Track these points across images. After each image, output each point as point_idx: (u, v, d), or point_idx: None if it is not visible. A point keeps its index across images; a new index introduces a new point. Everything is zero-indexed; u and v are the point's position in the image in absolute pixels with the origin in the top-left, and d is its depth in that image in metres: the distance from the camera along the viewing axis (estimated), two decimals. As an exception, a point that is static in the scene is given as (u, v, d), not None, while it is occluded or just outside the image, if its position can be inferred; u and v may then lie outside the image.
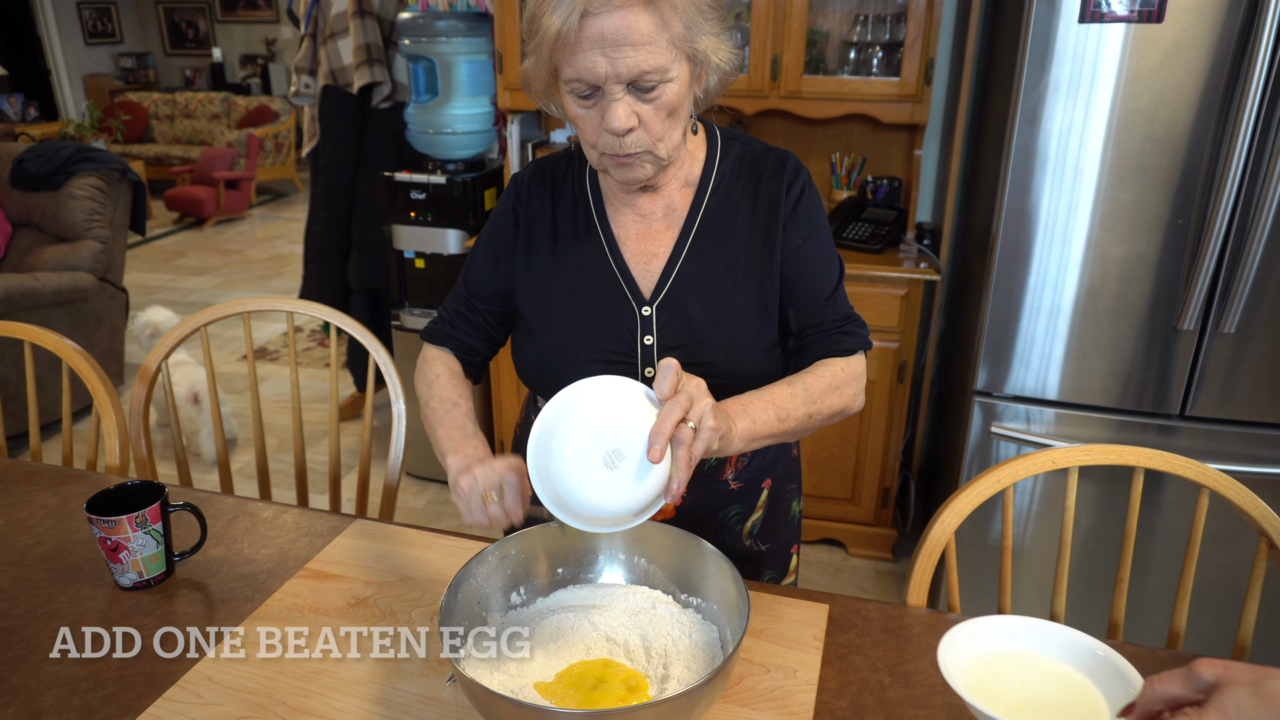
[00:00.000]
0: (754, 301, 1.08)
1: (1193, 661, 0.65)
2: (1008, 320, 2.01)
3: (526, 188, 1.15)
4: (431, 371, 1.16)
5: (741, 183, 1.11)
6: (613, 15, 0.89)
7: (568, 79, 0.94)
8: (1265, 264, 1.78)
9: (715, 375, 1.06)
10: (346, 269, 3.18)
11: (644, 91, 0.94)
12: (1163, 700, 0.64)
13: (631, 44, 0.90)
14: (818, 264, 1.10)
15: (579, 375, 1.08)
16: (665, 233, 1.10)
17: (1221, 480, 1.14)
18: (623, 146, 0.97)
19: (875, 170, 2.72)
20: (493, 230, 1.17)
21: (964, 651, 0.78)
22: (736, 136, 1.14)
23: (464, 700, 0.92)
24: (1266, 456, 1.93)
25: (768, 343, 1.10)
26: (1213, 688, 0.62)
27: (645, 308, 1.09)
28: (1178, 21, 1.69)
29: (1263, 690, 0.60)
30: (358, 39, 2.89)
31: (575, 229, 1.12)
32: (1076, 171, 1.85)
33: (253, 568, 1.17)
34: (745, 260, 1.09)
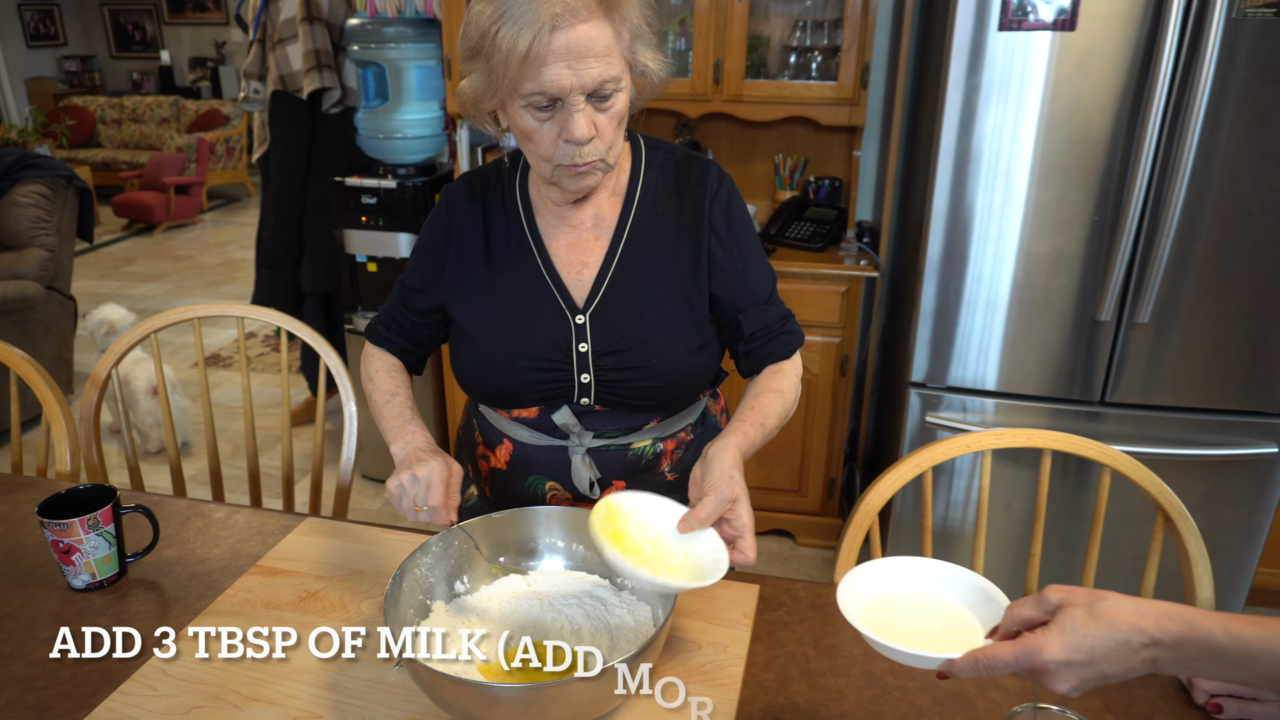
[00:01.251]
0: (683, 307, 1.14)
1: (1045, 588, 0.73)
2: (942, 314, 2.09)
3: (457, 201, 1.19)
4: (371, 367, 1.24)
5: (666, 191, 1.15)
6: (577, 29, 0.93)
7: (528, 93, 0.96)
8: (1175, 258, 1.89)
9: (647, 378, 1.12)
10: (299, 274, 3.19)
11: (601, 101, 0.98)
12: (1019, 622, 0.73)
13: (594, 55, 0.95)
14: (755, 269, 1.16)
15: (517, 382, 1.14)
16: (595, 242, 1.15)
17: (1121, 459, 1.22)
18: (581, 155, 1.01)
19: (817, 171, 2.81)
20: (426, 241, 1.21)
21: (861, 593, 0.85)
22: (660, 145, 1.19)
23: (411, 684, 0.97)
24: (1182, 439, 2.04)
25: (696, 345, 1.15)
26: (1057, 609, 0.70)
27: (579, 316, 1.13)
28: (1089, 30, 1.79)
29: (1095, 610, 0.68)
30: (307, 45, 2.90)
31: (507, 241, 1.16)
32: (1006, 172, 1.95)
33: (205, 566, 1.20)
34: (673, 267, 1.14)
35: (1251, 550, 2.14)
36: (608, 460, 1.19)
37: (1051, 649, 0.67)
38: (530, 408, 1.18)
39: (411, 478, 1.00)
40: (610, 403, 1.15)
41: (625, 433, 1.18)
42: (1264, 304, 1.93)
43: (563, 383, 1.14)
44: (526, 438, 1.21)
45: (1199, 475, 2.06)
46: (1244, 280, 1.92)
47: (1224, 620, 0.67)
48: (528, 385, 1.14)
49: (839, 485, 2.70)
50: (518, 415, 1.20)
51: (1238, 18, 1.73)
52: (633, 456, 1.19)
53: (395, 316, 1.25)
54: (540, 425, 1.19)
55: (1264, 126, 1.80)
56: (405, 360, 1.27)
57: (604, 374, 1.13)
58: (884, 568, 0.88)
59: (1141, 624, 0.67)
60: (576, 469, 1.19)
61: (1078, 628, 0.67)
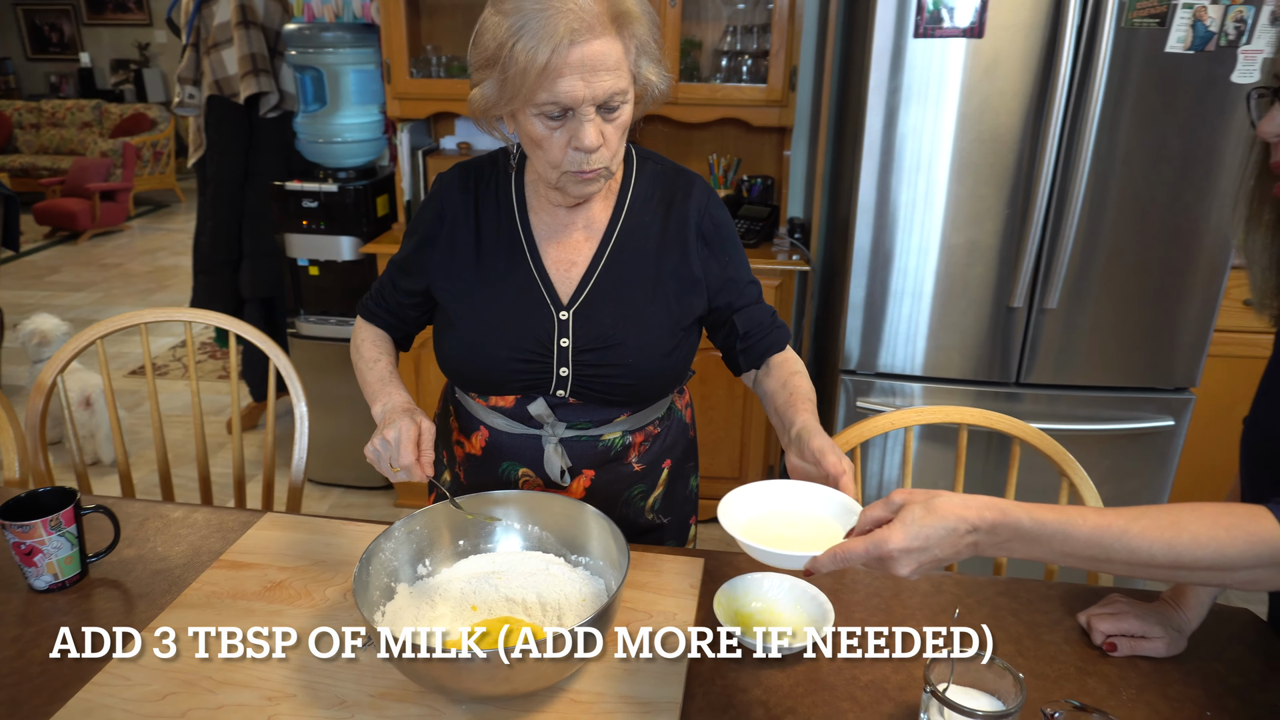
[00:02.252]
0: (663, 310, 1.21)
1: (891, 492, 0.85)
2: (870, 304, 2.21)
3: (450, 190, 1.24)
4: (358, 338, 1.33)
5: (655, 201, 1.23)
6: (592, 43, 0.99)
7: (541, 103, 1.02)
8: (1079, 247, 2.04)
9: (624, 375, 1.20)
10: (238, 279, 3.18)
11: (609, 111, 1.05)
12: (870, 521, 0.84)
13: (606, 69, 1.01)
14: (746, 273, 1.26)
15: (498, 371, 1.20)
16: (585, 243, 1.22)
17: (1029, 431, 1.34)
18: (589, 163, 1.07)
19: (749, 170, 2.91)
20: (418, 227, 1.26)
21: (741, 512, 0.95)
22: (650, 156, 1.26)
23: (377, 661, 1.02)
24: (1090, 415, 2.19)
25: (671, 346, 1.23)
26: (900, 507, 0.82)
27: (563, 312, 1.20)
28: (996, 38, 1.92)
29: (930, 505, 0.80)
30: (242, 49, 2.90)
31: (498, 234, 1.22)
32: (926, 169, 2.07)
33: (167, 564, 1.24)
34: (656, 272, 1.21)
35: (1157, 517, 2.31)
36: (579, 450, 1.26)
37: (895, 540, 0.79)
38: (508, 396, 1.24)
39: (383, 441, 1.07)
40: (585, 396, 1.22)
41: (597, 425, 1.25)
42: (1159, 289, 2.09)
43: (542, 374, 1.20)
44: (502, 425, 1.27)
45: (1106, 449, 2.22)
46: (1141, 267, 2.08)
47: (1030, 509, 0.80)
48: (508, 374, 1.20)
49: (777, 471, 2.81)
50: (495, 404, 1.26)
51: (1126, 27, 1.88)
52: (603, 447, 1.26)
53: (385, 295, 1.31)
54: (516, 414, 1.25)
55: (1153, 125, 1.96)
56: (393, 336, 1.33)
57: (582, 369, 1.20)
58: (761, 490, 0.98)
59: (966, 514, 0.79)
60: (549, 457, 1.25)
61: (917, 520, 0.79)
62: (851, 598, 1.16)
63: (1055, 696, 0.99)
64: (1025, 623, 1.12)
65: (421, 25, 2.80)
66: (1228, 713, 0.97)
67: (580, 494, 1.27)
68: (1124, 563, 0.80)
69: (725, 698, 0.99)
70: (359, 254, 2.78)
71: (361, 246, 2.76)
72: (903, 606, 1.15)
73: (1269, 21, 1.89)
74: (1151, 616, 1.06)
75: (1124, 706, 0.98)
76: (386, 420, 1.11)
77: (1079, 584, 1.21)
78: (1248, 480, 1.02)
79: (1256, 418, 1.03)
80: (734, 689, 1.00)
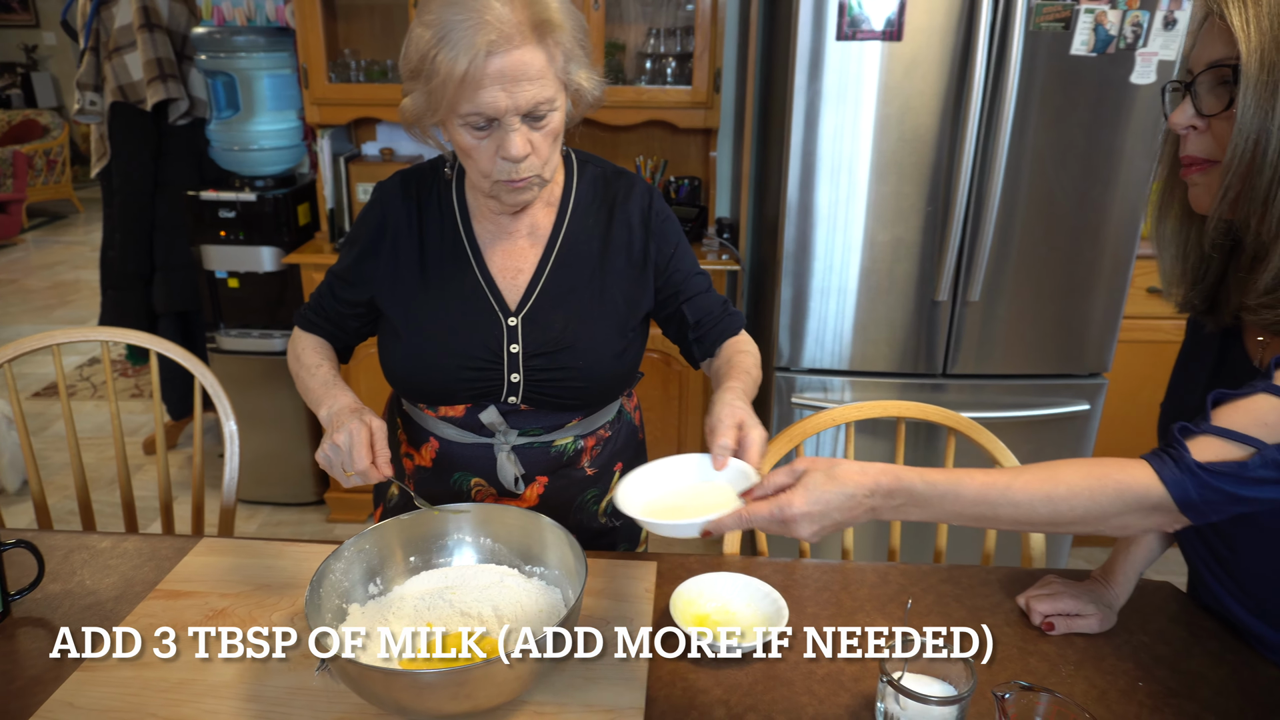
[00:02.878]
0: (611, 312, 1.21)
1: (795, 459, 0.89)
2: (799, 302, 2.26)
3: (392, 199, 1.22)
4: (297, 346, 1.28)
5: (597, 204, 1.23)
6: (512, 54, 0.99)
7: (465, 113, 1.02)
8: (997, 242, 2.13)
9: (575, 378, 1.20)
10: (151, 293, 3.04)
11: (536, 120, 1.04)
12: (774, 488, 0.89)
13: (529, 79, 1.00)
14: (693, 264, 1.27)
15: (448, 380, 1.19)
16: (530, 249, 1.21)
17: (963, 422, 1.39)
18: (518, 172, 1.06)
19: (676, 171, 2.94)
20: (357, 236, 1.24)
21: (639, 494, 0.99)
22: (589, 159, 1.26)
23: (333, 686, 1.00)
24: (1011, 403, 2.29)
25: (620, 348, 1.23)
26: (803, 474, 0.87)
27: (511, 319, 1.19)
28: (914, 40, 1.98)
29: (831, 472, 0.86)
30: (147, 54, 2.78)
31: (442, 242, 1.21)
32: (847, 169, 2.12)
33: (98, 597, 1.18)
34: (602, 275, 1.21)
35: (1075, 497, 2.42)
36: (531, 457, 1.25)
37: (798, 503, 0.84)
38: (458, 406, 1.23)
39: (334, 446, 1.05)
40: (536, 402, 1.21)
41: (548, 430, 1.25)
42: (1071, 280, 2.20)
43: (492, 382, 1.19)
44: (453, 435, 1.25)
45: (1027, 434, 2.31)
46: (1054, 259, 2.17)
47: (923, 473, 0.86)
48: (458, 383, 1.19)
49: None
50: (445, 414, 1.25)
51: (1034, 30, 1.97)
52: (555, 453, 1.26)
53: (324, 305, 1.28)
54: (467, 423, 1.24)
55: (1061, 124, 2.05)
56: (334, 345, 1.30)
57: (533, 374, 1.19)
58: (657, 469, 1.03)
59: (863, 480, 0.85)
60: (502, 466, 1.24)
61: (818, 485, 0.85)
62: (802, 592, 1.19)
63: (1000, 677, 1.03)
64: (968, 607, 1.16)
65: (338, 29, 2.74)
66: (1157, 680, 1.03)
67: (534, 501, 1.27)
68: (1010, 519, 0.86)
69: (687, 699, 1.00)
70: (281, 265, 2.69)
71: (284, 257, 2.67)
72: (851, 598, 1.18)
73: (1163, 26, 2.00)
74: (1084, 595, 1.12)
75: (1064, 682, 1.02)
76: (335, 423, 1.08)
77: (1016, 568, 1.26)
78: None
79: (1170, 401, 1.10)
80: (695, 690, 1.01)
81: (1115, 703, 0.99)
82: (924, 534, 2.39)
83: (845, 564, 1.26)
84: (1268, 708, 0.99)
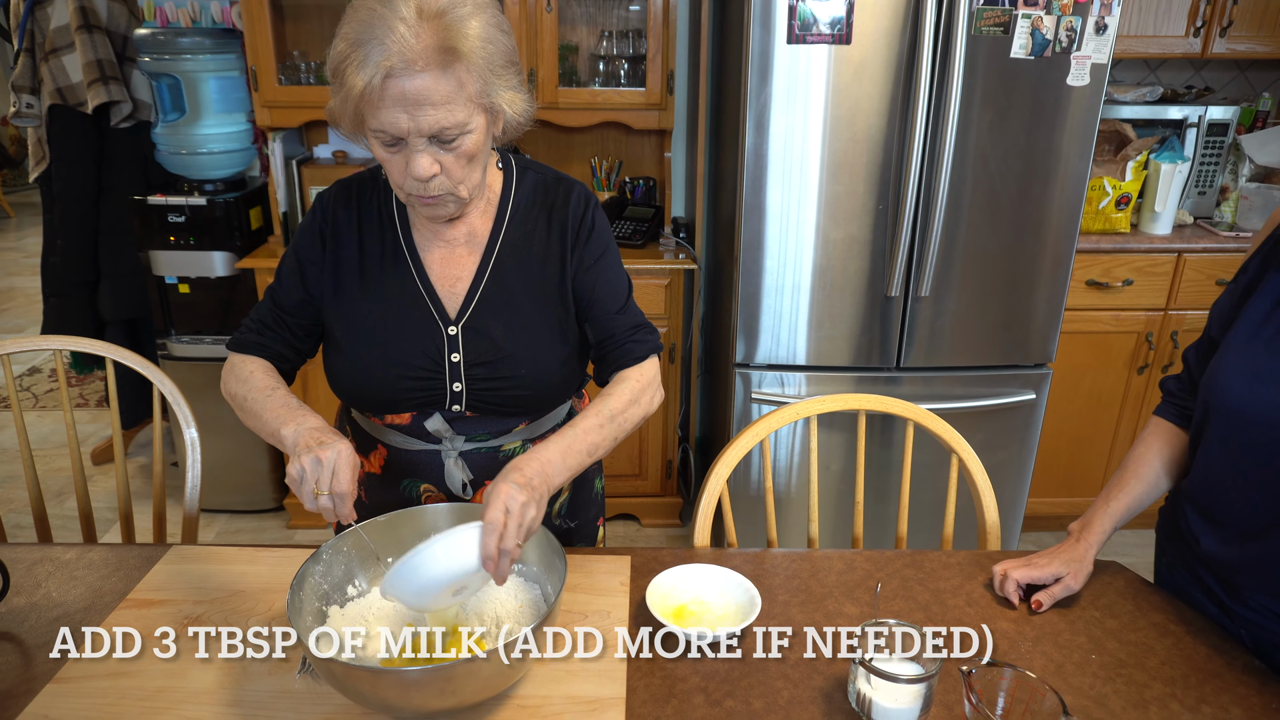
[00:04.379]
0: (550, 319, 1.22)
1: None
2: (755, 299, 2.30)
3: (332, 208, 1.21)
4: (244, 369, 1.19)
5: (536, 210, 1.23)
6: (414, 79, 0.97)
7: (373, 129, 1.02)
8: (944, 238, 2.20)
9: (517, 386, 1.20)
10: (96, 300, 2.97)
11: (445, 143, 1.03)
12: None
13: (432, 104, 0.99)
14: (607, 282, 1.23)
15: (391, 390, 1.18)
16: (468, 257, 1.21)
17: (921, 413, 1.44)
18: (427, 189, 1.06)
19: (631, 172, 2.96)
20: (299, 248, 1.22)
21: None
22: (530, 165, 1.26)
23: (315, 688, 1.00)
24: (961, 394, 2.37)
25: (563, 355, 1.23)
26: None
27: (451, 327, 1.19)
28: (862, 44, 2.04)
29: None
30: (86, 55, 2.71)
31: (382, 252, 1.20)
32: (800, 169, 2.17)
33: (65, 609, 1.16)
34: (541, 281, 1.21)
35: (1022, 484, 2.52)
36: (479, 462, 1.26)
37: None
38: (403, 414, 1.23)
39: (314, 461, 0.97)
40: (481, 409, 1.22)
41: (495, 435, 1.26)
42: (1015, 275, 2.28)
43: (435, 390, 1.20)
44: (400, 443, 1.25)
45: (977, 424, 2.39)
46: (998, 255, 2.25)
47: None
48: (401, 392, 1.19)
49: (675, 466, 2.88)
50: (391, 421, 1.25)
51: (976, 34, 2.04)
52: (503, 458, 1.27)
53: (268, 323, 1.23)
54: (413, 431, 1.24)
55: (1002, 124, 2.13)
56: (279, 367, 1.22)
57: (475, 383, 1.19)
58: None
59: None
60: (450, 471, 1.25)
61: None
62: (773, 581, 1.23)
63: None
64: (931, 590, 1.21)
65: (287, 30, 2.70)
66: (1108, 653, 1.09)
67: None
68: None
69: (666, 688, 1.02)
70: (234, 269, 2.65)
71: (237, 261, 2.63)
72: (820, 585, 1.22)
73: (1094, 31, 2.09)
74: (1058, 558, 1.18)
75: (1024, 658, 1.08)
76: (312, 439, 1.01)
77: (975, 551, 1.31)
78: None
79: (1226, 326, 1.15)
80: (674, 679, 1.04)
81: (1071, 675, 1.05)
82: (886, 521, 2.46)
83: (813, 552, 1.30)
84: (1208, 673, 1.05)
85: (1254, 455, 1.05)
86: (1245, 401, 1.05)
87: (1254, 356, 1.06)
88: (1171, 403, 1.26)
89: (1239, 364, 1.07)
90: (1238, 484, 1.08)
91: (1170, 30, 2.64)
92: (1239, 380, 1.06)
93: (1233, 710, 1.00)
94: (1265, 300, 1.08)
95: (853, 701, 0.99)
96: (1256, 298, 1.09)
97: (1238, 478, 1.08)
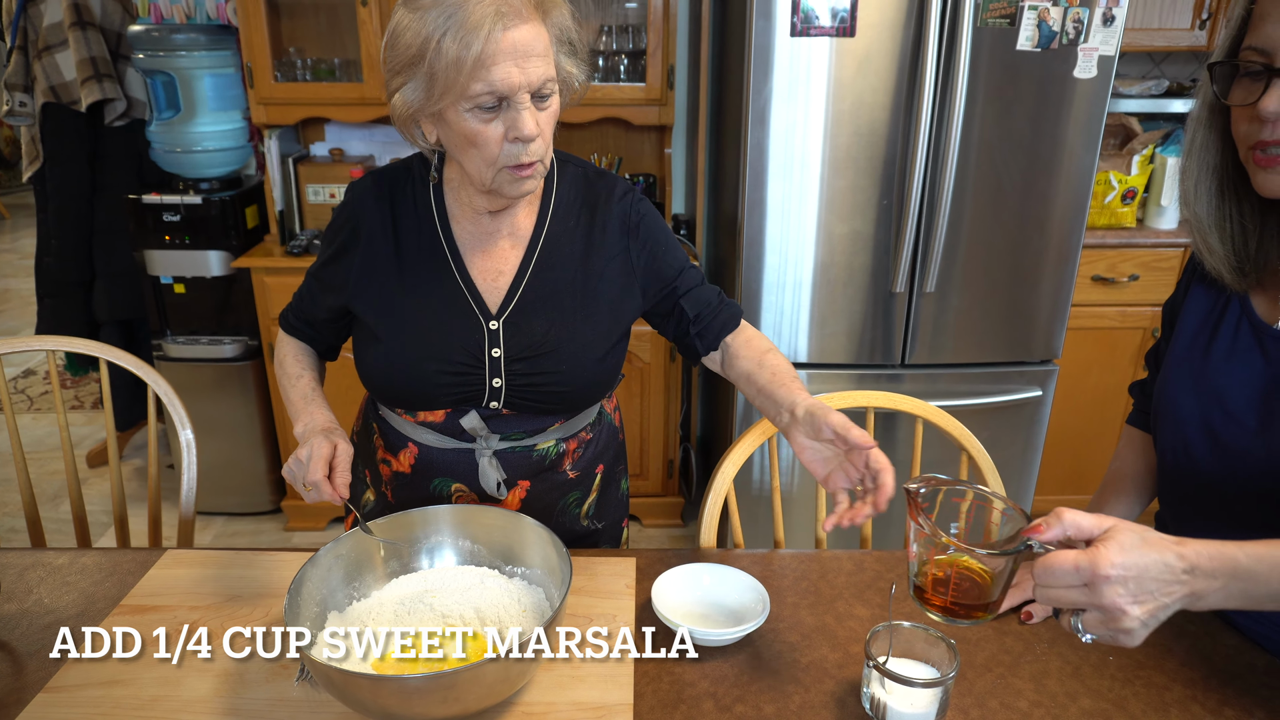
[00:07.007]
0: (593, 316, 1.19)
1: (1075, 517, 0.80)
2: (757, 296, 2.28)
3: (364, 199, 1.18)
4: (280, 352, 1.29)
5: (579, 205, 1.21)
6: (520, 28, 0.98)
7: (476, 94, 0.99)
8: (949, 233, 2.17)
9: (558, 383, 1.18)
10: (91, 301, 2.94)
11: (542, 100, 1.03)
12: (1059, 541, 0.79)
13: (537, 54, 1.00)
14: (680, 261, 1.26)
15: (428, 385, 1.17)
16: (511, 251, 1.19)
17: (931, 411, 1.42)
18: (527, 154, 1.04)
19: (631, 168, 2.94)
20: (330, 239, 1.21)
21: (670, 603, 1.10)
22: (569, 159, 1.24)
23: (314, 695, 0.98)
24: (966, 391, 2.34)
25: (602, 352, 1.21)
26: (1111, 529, 0.76)
27: (492, 322, 1.17)
28: (866, 37, 2.01)
29: (1147, 535, 0.74)
30: (80, 53, 2.68)
31: (420, 244, 1.18)
32: (802, 164, 2.15)
33: (57, 615, 1.13)
34: (584, 277, 1.19)
35: (1028, 482, 2.49)
36: (513, 461, 1.24)
37: (1114, 559, 0.73)
38: (438, 411, 1.21)
39: (296, 460, 1.07)
40: (518, 406, 1.20)
41: (530, 434, 1.23)
42: (1020, 270, 2.25)
43: (474, 386, 1.17)
44: (432, 441, 1.23)
45: (982, 421, 2.37)
46: (1003, 250, 2.23)
47: (1243, 546, 0.77)
48: (438, 388, 1.17)
49: (677, 466, 2.86)
50: (424, 419, 1.22)
51: (981, 26, 2.01)
52: (537, 457, 1.24)
53: (303, 306, 1.28)
54: (447, 429, 1.22)
55: (1008, 117, 2.11)
56: (315, 349, 1.29)
57: (515, 379, 1.17)
58: (675, 577, 1.14)
59: (1183, 551, 0.75)
60: (484, 470, 1.22)
61: (1134, 546, 0.73)
62: (781, 582, 1.20)
63: (977, 659, 1.05)
64: (943, 591, 1.18)
65: (283, 27, 2.67)
66: (1125, 654, 1.06)
67: (516, 505, 1.25)
68: None
69: (675, 693, 1.00)
70: (230, 269, 2.62)
71: (233, 261, 2.60)
72: (830, 586, 1.19)
73: (1102, 22, 2.07)
74: None
75: (1040, 660, 1.05)
76: (304, 440, 1.09)
77: (985, 550, 1.29)
78: None
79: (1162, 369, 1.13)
80: (682, 684, 1.01)
81: (1089, 677, 1.02)
82: (894, 521, 2.43)
83: (821, 553, 1.28)
84: (1228, 675, 1.03)
85: None
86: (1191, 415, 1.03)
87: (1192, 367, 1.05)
88: (1141, 410, 1.24)
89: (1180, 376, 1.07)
90: None
91: (1175, 23, 2.62)
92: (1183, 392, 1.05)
93: (1256, 713, 0.97)
94: (1193, 317, 1.08)
95: (866, 706, 0.96)
96: (1185, 313, 1.09)
97: None
